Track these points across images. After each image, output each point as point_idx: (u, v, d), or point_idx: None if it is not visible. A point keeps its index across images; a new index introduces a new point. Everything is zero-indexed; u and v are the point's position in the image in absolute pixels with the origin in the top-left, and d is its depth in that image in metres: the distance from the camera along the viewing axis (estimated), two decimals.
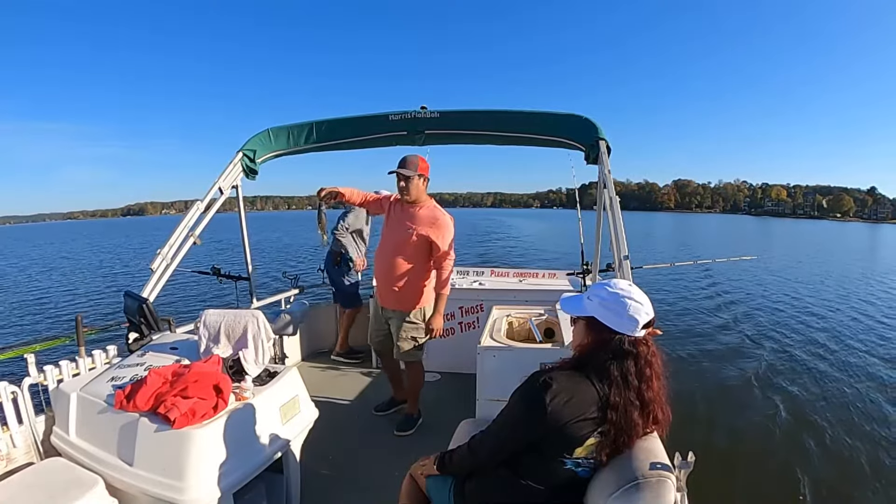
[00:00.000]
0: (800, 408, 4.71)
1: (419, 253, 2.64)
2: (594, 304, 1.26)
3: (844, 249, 27.29)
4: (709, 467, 3.36)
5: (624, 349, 1.21)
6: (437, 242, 2.59)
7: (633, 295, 1.24)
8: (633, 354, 1.21)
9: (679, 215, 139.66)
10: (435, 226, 2.60)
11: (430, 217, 2.63)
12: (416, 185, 2.61)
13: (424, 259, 2.67)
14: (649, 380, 1.21)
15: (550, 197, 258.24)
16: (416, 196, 2.64)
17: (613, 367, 1.20)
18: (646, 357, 1.22)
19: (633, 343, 1.22)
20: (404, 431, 2.90)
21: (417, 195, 2.65)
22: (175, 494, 1.58)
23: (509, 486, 1.29)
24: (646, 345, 1.23)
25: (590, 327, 1.27)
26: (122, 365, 2.08)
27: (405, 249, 2.62)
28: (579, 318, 1.31)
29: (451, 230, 2.66)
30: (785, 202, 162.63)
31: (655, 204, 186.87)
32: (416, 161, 2.60)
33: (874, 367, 5.96)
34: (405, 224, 2.63)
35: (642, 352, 1.22)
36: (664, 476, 1.12)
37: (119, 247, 32.21)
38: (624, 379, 1.19)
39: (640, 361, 1.21)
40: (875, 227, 76.95)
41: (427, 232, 2.59)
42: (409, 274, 2.65)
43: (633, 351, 1.21)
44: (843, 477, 3.53)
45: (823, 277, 14.17)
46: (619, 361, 1.20)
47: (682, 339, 7.15)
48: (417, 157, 2.62)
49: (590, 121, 2.99)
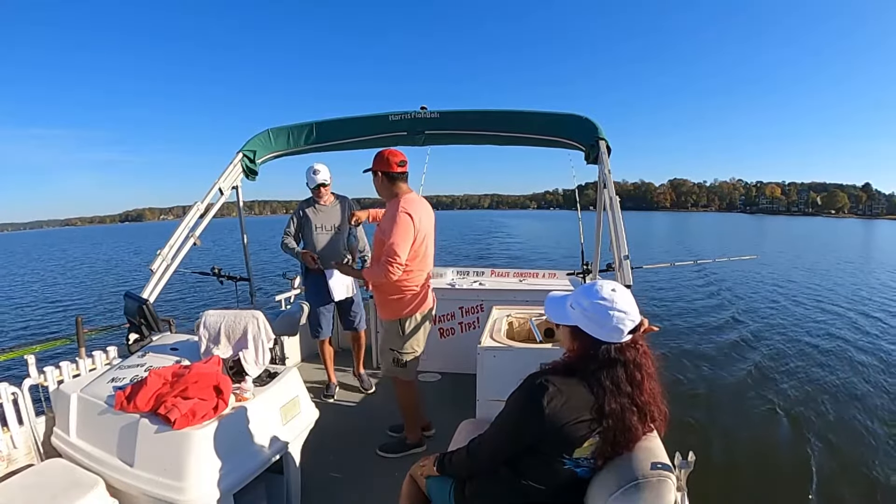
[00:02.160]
0: (800, 407, 4.71)
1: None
2: (577, 314, 1.24)
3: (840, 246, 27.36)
4: (709, 467, 3.39)
5: (611, 357, 1.19)
6: (384, 237, 2.34)
7: (617, 304, 1.20)
8: (621, 362, 1.19)
9: (675, 214, 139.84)
10: (386, 220, 2.37)
11: (387, 214, 2.42)
12: (375, 183, 2.43)
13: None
14: (640, 383, 1.20)
15: (547, 198, 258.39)
16: (381, 194, 2.47)
17: (603, 375, 1.18)
18: (635, 361, 1.20)
19: (619, 350, 1.20)
20: (388, 453, 2.66)
21: (382, 193, 2.45)
22: (175, 495, 1.58)
23: (509, 486, 1.29)
24: (634, 348, 1.21)
25: (574, 335, 1.26)
26: (122, 366, 2.08)
27: (378, 253, 2.42)
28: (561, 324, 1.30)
29: (404, 226, 2.28)
30: (779, 199, 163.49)
31: (652, 203, 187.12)
32: (377, 157, 2.41)
33: (874, 366, 5.97)
34: (378, 227, 2.48)
35: (630, 357, 1.20)
36: (664, 476, 1.12)
37: (119, 249, 32.17)
38: (616, 386, 1.18)
39: (630, 367, 1.19)
40: (870, 223, 77.22)
41: (382, 229, 2.39)
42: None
43: (620, 358, 1.19)
44: (843, 475, 3.53)
45: (821, 275, 14.17)
46: (608, 370, 1.19)
47: (682, 338, 7.16)
48: (381, 151, 2.41)
49: (590, 121, 2.99)
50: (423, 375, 3.74)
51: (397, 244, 2.24)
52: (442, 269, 4.43)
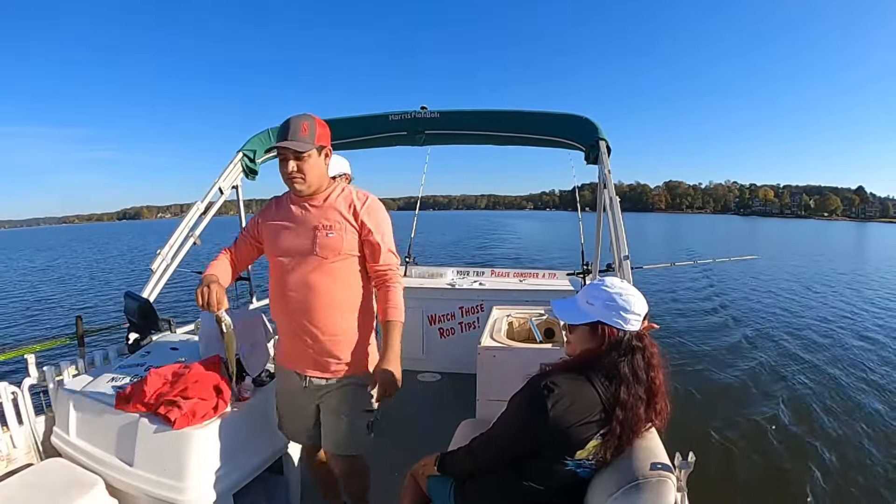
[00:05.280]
0: (800, 407, 4.71)
1: (347, 269, 1.63)
2: (597, 308, 1.25)
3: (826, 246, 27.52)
4: (709, 467, 3.39)
5: (633, 345, 1.23)
6: (372, 238, 1.61)
7: (631, 291, 1.27)
8: (640, 348, 1.23)
9: (670, 216, 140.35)
10: (366, 213, 1.61)
11: (349, 203, 1.62)
12: (316, 165, 1.58)
13: (358, 277, 1.66)
14: (656, 369, 1.24)
15: (544, 199, 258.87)
16: (317, 182, 1.61)
17: (623, 364, 1.20)
18: (649, 349, 1.25)
19: (638, 338, 1.24)
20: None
21: (319, 181, 1.61)
22: (175, 495, 1.58)
23: (510, 486, 1.29)
24: (646, 336, 1.26)
25: (594, 331, 1.26)
26: (122, 365, 2.08)
27: (322, 270, 1.59)
28: (580, 324, 1.30)
29: (389, 220, 1.69)
30: (772, 202, 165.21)
31: (647, 205, 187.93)
32: (308, 125, 1.55)
33: (876, 366, 5.97)
34: (311, 231, 1.59)
35: (647, 344, 1.25)
36: (664, 476, 1.12)
37: (118, 248, 32.15)
38: (634, 375, 1.21)
39: (647, 353, 1.24)
40: (862, 226, 77.77)
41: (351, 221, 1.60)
42: (341, 310, 1.63)
43: (639, 345, 1.23)
44: (843, 476, 3.53)
45: (821, 275, 14.21)
46: (629, 358, 1.22)
47: (682, 338, 7.16)
48: (309, 117, 1.58)
49: (590, 121, 2.99)
50: (423, 375, 3.74)
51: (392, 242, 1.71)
52: (442, 269, 4.43)
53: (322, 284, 1.60)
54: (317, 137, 1.57)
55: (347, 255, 1.62)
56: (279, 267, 1.65)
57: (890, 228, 71.94)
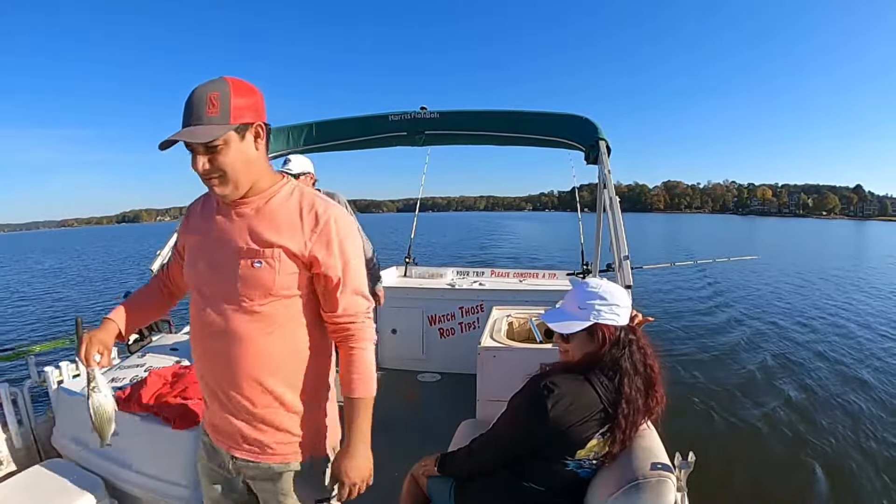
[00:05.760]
0: (800, 407, 4.71)
1: (288, 313, 1.08)
2: (592, 311, 1.27)
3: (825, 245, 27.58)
4: (709, 467, 3.38)
5: (628, 339, 1.26)
6: (330, 273, 1.06)
7: (612, 286, 1.32)
8: (634, 340, 1.27)
9: (669, 216, 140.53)
10: (322, 231, 1.05)
11: (299, 212, 1.06)
12: (240, 154, 1.01)
13: (306, 322, 1.11)
14: (651, 358, 1.28)
15: (542, 200, 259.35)
16: (247, 178, 1.05)
17: (623, 358, 1.23)
18: (641, 339, 1.29)
19: (631, 331, 1.28)
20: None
21: (251, 175, 1.05)
22: (175, 495, 1.59)
23: (510, 486, 1.29)
24: (636, 328, 1.31)
25: (592, 334, 1.27)
26: (122, 366, 2.08)
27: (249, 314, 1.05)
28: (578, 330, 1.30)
29: (359, 242, 1.14)
30: (771, 202, 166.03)
31: (646, 205, 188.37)
32: (219, 95, 0.96)
33: (878, 366, 5.97)
34: (232, 256, 1.05)
35: (639, 335, 1.29)
36: (664, 476, 1.13)
37: (118, 249, 32.15)
38: (634, 367, 1.23)
39: (640, 344, 1.28)
40: (860, 225, 77.92)
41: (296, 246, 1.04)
42: (282, 371, 1.10)
43: (633, 338, 1.27)
44: (844, 476, 3.53)
45: (817, 274, 14.21)
46: (628, 351, 1.25)
47: (682, 338, 7.15)
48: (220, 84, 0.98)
49: (590, 121, 2.99)
50: (422, 376, 3.74)
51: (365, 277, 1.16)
52: (442, 269, 4.43)
53: (250, 333, 1.05)
54: (233, 112, 0.97)
55: (284, 297, 1.06)
56: (195, 303, 1.13)
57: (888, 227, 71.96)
